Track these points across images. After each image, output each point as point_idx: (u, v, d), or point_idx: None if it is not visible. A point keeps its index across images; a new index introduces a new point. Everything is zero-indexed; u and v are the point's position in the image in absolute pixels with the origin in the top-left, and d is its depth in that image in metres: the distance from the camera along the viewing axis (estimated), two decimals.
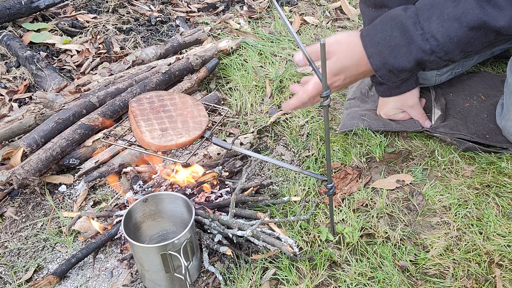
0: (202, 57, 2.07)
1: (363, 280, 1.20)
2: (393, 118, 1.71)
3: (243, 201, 1.43)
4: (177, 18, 2.71)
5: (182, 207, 1.29)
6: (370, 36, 0.98)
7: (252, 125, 1.86)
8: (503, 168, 1.50)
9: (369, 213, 1.40)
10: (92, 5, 2.82)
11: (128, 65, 2.14)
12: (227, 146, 1.23)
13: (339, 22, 2.59)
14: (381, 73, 0.96)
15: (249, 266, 1.27)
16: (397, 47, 0.94)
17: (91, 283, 1.31)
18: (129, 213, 1.25)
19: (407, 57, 0.94)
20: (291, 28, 0.94)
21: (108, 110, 1.77)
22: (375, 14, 1.54)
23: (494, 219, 1.34)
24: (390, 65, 0.95)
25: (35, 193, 1.61)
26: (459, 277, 1.20)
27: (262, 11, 2.75)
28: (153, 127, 1.18)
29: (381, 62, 0.96)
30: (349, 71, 1.02)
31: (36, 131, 1.67)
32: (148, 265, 1.19)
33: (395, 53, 0.94)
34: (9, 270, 1.36)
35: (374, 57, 0.96)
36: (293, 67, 2.17)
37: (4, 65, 2.31)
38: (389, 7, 1.49)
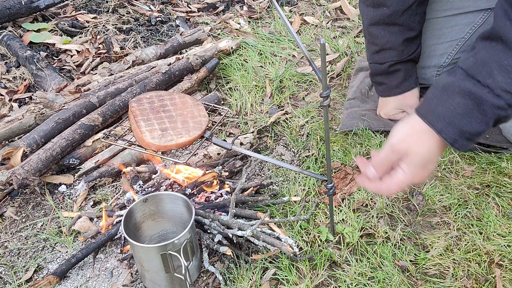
0: (202, 57, 2.07)
1: (363, 280, 1.20)
2: (393, 118, 1.71)
3: (243, 201, 1.43)
4: (177, 18, 2.71)
5: (182, 207, 1.29)
6: (431, 112, 0.89)
7: (252, 125, 1.86)
8: (503, 168, 1.50)
9: (369, 213, 1.40)
10: (92, 5, 2.82)
11: (128, 65, 2.14)
12: (227, 146, 1.23)
13: (339, 22, 2.59)
14: (459, 144, 0.88)
15: (249, 266, 1.27)
16: (467, 113, 0.85)
17: (91, 283, 1.31)
18: (129, 213, 1.25)
19: (481, 119, 0.85)
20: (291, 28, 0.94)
21: (108, 110, 1.77)
22: (374, 13, 1.54)
23: (494, 219, 1.34)
24: (466, 133, 0.86)
25: (35, 193, 1.61)
26: (459, 277, 1.20)
27: (262, 11, 2.75)
28: (153, 127, 1.18)
29: (455, 133, 0.87)
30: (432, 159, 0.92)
31: (36, 131, 1.67)
32: (148, 265, 1.19)
33: (468, 119, 0.85)
34: (9, 270, 1.36)
35: (445, 131, 0.87)
36: (293, 67, 2.17)
37: (4, 65, 2.31)
38: (387, 7, 1.50)
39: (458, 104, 0.86)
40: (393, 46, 1.57)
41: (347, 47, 2.27)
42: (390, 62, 1.59)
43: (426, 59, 1.70)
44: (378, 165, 0.93)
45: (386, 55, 1.59)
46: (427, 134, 0.89)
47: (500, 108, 0.84)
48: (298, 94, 2.02)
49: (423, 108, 0.91)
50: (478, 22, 1.62)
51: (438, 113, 0.88)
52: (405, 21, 1.52)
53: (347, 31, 2.46)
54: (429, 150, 0.90)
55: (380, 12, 1.52)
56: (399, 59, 1.59)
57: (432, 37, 1.67)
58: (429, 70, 1.73)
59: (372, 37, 1.60)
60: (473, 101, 0.85)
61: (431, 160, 0.91)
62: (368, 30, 1.60)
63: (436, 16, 1.64)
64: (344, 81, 2.06)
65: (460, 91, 0.86)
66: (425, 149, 0.90)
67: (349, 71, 2.10)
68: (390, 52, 1.58)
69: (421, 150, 0.90)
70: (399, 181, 0.92)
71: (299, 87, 2.06)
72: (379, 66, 1.63)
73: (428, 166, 0.92)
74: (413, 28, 1.55)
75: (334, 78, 2.09)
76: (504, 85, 0.82)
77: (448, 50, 1.68)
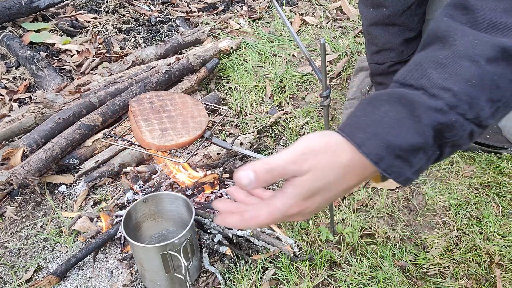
0: (202, 57, 2.07)
1: (363, 280, 1.20)
2: None
3: None
4: (177, 18, 2.71)
5: (182, 207, 1.29)
6: (353, 124, 0.66)
7: (252, 125, 1.86)
8: (503, 168, 1.50)
9: (369, 213, 1.40)
10: (92, 5, 2.82)
11: (128, 65, 2.14)
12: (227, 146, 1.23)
13: (339, 22, 2.59)
14: (385, 164, 0.63)
15: (249, 266, 1.27)
16: (397, 122, 0.63)
17: (91, 283, 1.31)
18: (129, 213, 1.25)
19: (415, 128, 0.62)
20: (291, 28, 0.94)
21: (108, 110, 1.77)
22: (373, 13, 1.54)
23: (494, 219, 1.34)
24: (396, 147, 0.62)
25: (35, 193, 1.61)
26: (459, 277, 1.20)
27: (262, 11, 2.75)
28: (153, 127, 1.18)
29: (380, 147, 0.62)
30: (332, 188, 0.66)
31: (36, 131, 1.67)
32: (148, 265, 1.19)
33: (397, 129, 0.62)
34: (9, 270, 1.36)
35: (367, 145, 0.63)
36: (293, 67, 2.17)
37: (4, 65, 2.31)
38: (386, 7, 1.50)
39: (385, 112, 0.64)
40: (393, 47, 1.57)
41: (347, 47, 2.27)
42: (390, 62, 1.60)
43: None
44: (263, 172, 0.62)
45: (385, 55, 1.59)
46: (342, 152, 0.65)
47: (438, 111, 0.61)
48: (298, 94, 2.02)
49: (343, 123, 0.68)
50: None
51: (360, 124, 0.65)
52: (405, 21, 1.52)
53: (347, 31, 2.46)
54: (335, 177, 0.65)
55: (380, 13, 1.52)
56: (398, 60, 1.59)
57: None
58: None
59: (372, 38, 1.60)
60: (404, 107, 0.63)
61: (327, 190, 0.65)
62: (368, 31, 1.60)
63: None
64: (344, 81, 2.06)
65: (388, 98, 0.65)
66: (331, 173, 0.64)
67: (349, 71, 2.10)
68: (389, 53, 1.58)
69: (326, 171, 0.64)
70: (273, 208, 0.64)
71: (299, 87, 2.06)
72: (379, 66, 1.63)
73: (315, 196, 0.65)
74: (413, 29, 1.55)
75: (334, 78, 2.09)
76: (441, 81, 0.62)
77: None
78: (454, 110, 0.61)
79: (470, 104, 0.61)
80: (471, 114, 0.62)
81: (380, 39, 1.57)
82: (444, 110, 0.61)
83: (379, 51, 1.60)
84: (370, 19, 1.57)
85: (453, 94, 0.61)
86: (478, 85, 0.61)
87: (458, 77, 0.61)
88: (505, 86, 0.62)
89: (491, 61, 0.61)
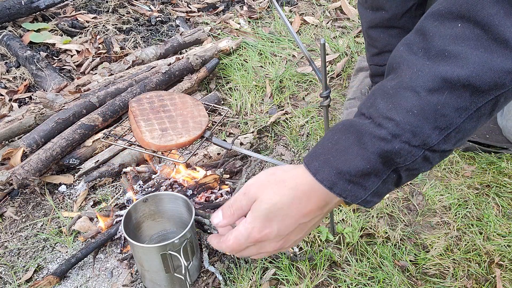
0: (202, 57, 2.07)
1: (363, 280, 1.20)
2: None
3: None
4: (177, 18, 2.71)
5: (182, 207, 1.29)
6: (311, 154, 0.71)
7: (252, 125, 1.86)
8: (503, 168, 1.50)
9: (369, 213, 1.40)
10: (92, 5, 2.82)
11: (128, 65, 2.14)
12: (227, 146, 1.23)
13: (339, 22, 2.59)
14: (339, 188, 0.68)
15: (249, 266, 1.27)
16: (346, 149, 0.68)
17: (91, 283, 1.31)
18: (129, 213, 1.25)
19: (361, 154, 0.66)
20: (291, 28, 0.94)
21: (108, 110, 1.77)
22: (373, 16, 1.54)
23: (494, 219, 1.34)
24: (346, 173, 0.67)
25: (35, 193, 1.61)
26: (459, 277, 1.20)
27: (262, 11, 2.75)
28: (153, 127, 1.18)
29: (332, 174, 0.68)
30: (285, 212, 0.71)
31: (36, 131, 1.67)
32: (148, 265, 1.19)
33: (346, 156, 0.67)
34: (9, 270, 1.36)
35: (321, 172, 0.68)
36: (293, 67, 2.17)
37: (4, 65, 2.31)
38: (386, 10, 1.49)
39: (337, 141, 0.69)
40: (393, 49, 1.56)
41: (347, 47, 2.27)
42: None
43: None
44: (226, 209, 0.73)
45: (386, 57, 1.59)
46: (295, 177, 0.71)
47: (382, 140, 0.65)
48: (298, 94, 2.02)
49: (306, 155, 0.73)
50: None
51: (316, 153, 0.71)
52: (405, 24, 1.52)
53: (347, 31, 2.46)
54: (289, 199, 0.70)
55: (379, 16, 1.52)
56: None
57: None
58: None
59: (372, 40, 1.60)
60: (353, 135, 0.68)
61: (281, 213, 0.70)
62: (368, 33, 1.60)
63: None
64: (344, 81, 2.06)
65: (341, 127, 0.71)
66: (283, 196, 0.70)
67: (349, 71, 2.10)
68: (389, 55, 1.58)
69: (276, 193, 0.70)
70: (237, 232, 0.71)
71: (299, 87, 2.06)
72: (379, 68, 1.63)
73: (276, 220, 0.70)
74: None
75: (334, 78, 2.09)
76: (385, 111, 0.66)
77: None
78: (398, 139, 0.64)
79: (413, 132, 0.64)
80: (416, 141, 0.64)
81: (380, 41, 1.57)
82: (388, 139, 0.64)
83: (379, 53, 1.60)
84: (369, 22, 1.57)
85: (395, 123, 0.64)
86: (419, 114, 0.63)
87: (401, 107, 0.64)
88: (451, 114, 0.63)
89: (433, 91, 0.63)
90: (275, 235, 0.71)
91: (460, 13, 0.62)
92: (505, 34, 0.59)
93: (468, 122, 0.64)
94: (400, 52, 0.70)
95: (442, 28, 0.65)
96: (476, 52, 0.61)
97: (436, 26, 0.66)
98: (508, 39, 0.59)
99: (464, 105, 0.62)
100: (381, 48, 1.58)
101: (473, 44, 0.61)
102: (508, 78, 0.60)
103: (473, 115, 0.63)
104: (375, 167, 0.67)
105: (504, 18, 0.59)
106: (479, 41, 0.61)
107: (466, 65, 0.61)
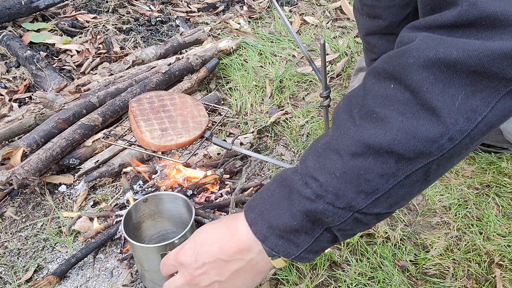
0: (202, 57, 2.07)
1: (363, 280, 1.20)
2: None
3: (243, 201, 1.43)
4: (177, 18, 2.71)
5: (182, 207, 1.29)
6: (250, 203, 0.72)
7: (252, 125, 1.86)
8: (503, 168, 1.50)
9: None
10: (92, 5, 2.82)
11: (128, 65, 2.14)
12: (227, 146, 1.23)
13: (339, 22, 2.59)
14: (271, 243, 0.67)
15: None
16: (277, 203, 0.67)
17: (91, 283, 1.31)
18: (129, 213, 1.25)
19: (289, 211, 0.65)
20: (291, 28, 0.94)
21: (108, 110, 1.77)
22: (370, 23, 1.52)
23: (494, 219, 1.34)
24: (276, 228, 0.67)
25: (35, 193, 1.61)
26: (459, 277, 1.20)
27: (262, 11, 2.75)
28: (153, 127, 1.18)
29: (264, 227, 0.67)
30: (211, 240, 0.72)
31: (36, 131, 1.67)
32: (148, 265, 1.19)
33: (277, 210, 0.67)
34: (9, 270, 1.36)
35: (256, 223, 0.68)
36: (293, 67, 2.17)
37: (4, 65, 2.31)
38: (383, 19, 1.48)
39: (272, 193, 0.69)
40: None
41: (347, 47, 2.27)
42: None
43: None
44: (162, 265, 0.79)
45: None
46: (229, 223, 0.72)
47: (307, 199, 0.64)
48: (298, 94, 2.02)
49: (249, 200, 0.75)
50: None
51: (253, 202, 0.71)
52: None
53: (347, 31, 2.46)
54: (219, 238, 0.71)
55: (376, 23, 1.49)
56: None
57: None
58: None
59: (370, 46, 1.58)
60: (286, 189, 0.68)
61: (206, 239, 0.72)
62: (365, 39, 1.59)
63: None
64: (344, 81, 2.06)
65: (279, 179, 0.70)
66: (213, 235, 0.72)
67: (349, 71, 2.10)
68: None
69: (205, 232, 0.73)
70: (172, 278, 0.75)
71: (299, 87, 2.06)
72: None
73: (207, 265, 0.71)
74: None
75: (334, 78, 2.09)
76: (312, 170, 0.65)
77: None
78: (322, 199, 0.63)
79: (336, 195, 0.62)
80: (340, 204, 0.62)
81: (378, 47, 1.55)
82: (312, 199, 0.64)
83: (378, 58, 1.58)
84: (366, 29, 1.55)
85: (319, 184, 0.63)
86: (341, 177, 0.62)
87: (325, 168, 0.63)
88: (376, 179, 0.60)
89: (356, 156, 0.61)
90: (190, 254, 0.72)
91: (394, 74, 0.60)
92: (432, 101, 0.56)
93: (400, 189, 0.61)
94: (340, 106, 0.68)
95: (376, 87, 0.62)
96: (402, 118, 0.58)
97: (373, 84, 0.63)
98: (435, 107, 0.56)
99: (390, 172, 0.60)
100: (379, 54, 1.57)
101: (401, 108, 0.58)
102: (434, 147, 0.57)
103: (403, 182, 0.60)
104: (303, 225, 0.65)
105: (433, 84, 0.56)
106: (407, 106, 0.58)
107: (390, 131, 0.58)
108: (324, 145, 0.66)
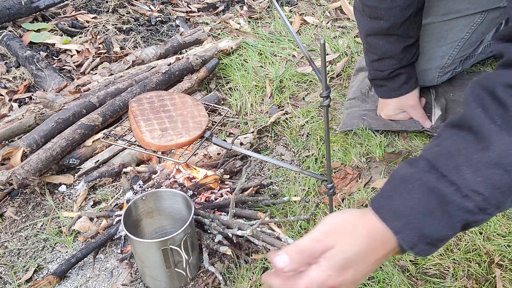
0: (202, 57, 2.07)
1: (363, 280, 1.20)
2: (393, 119, 1.70)
3: (243, 201, 1.43)
4: (177, 18, 2.71)
5: (181, 204, 1.29)
6: (387, 207, 0.72)
7: (252, 125, 1.86)
8: None
9: None
10: (92, 5, 2.82)
11: (128, 65, 2.14)
12: (227, 146, 1.23)
13: (339, 22, 2.59)
14: (419, 249, 0.71)
15: (249, 266, 1.27)
16: (429, 213, 0.69)
17: (91, 283, 1.31)
18: (128, 211, 1.25)
19: (446, 222, 0.69)
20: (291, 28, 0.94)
21: (108, 110, 1.77)
22: (371, 24, 1.51)
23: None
24: (428, 237, 0.70)
25: (35, 193, 1.61)
26: (459, 277, 1.20)
27: (262, 11, 2.75)
28: (153, 127, 1.18)
29: (415, 236, 0.70)
30: (362, 260, 0.71)
31: (36, 131, 1.67)
32: (149, 261, 1.19)
33: (430, 220, 0.69)
34: (9, 270, 1.36)
35: (404, 232, 0.70)
36: (293, 67, 2.17)
37: (4, 65, 2.31)
38: (384, 20, 1.47)
39: (419, 201, 0.70)
40: (393, 55, 1.55)
41: (347, 47, 2.27)
42: (390, 69, 1.58)
43: (427, 62, 1.70)
44: (295, 254, 0.70)
45: (386, 63, 1.57)
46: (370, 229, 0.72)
47: (469, 212, 0.68)
48: (298, 94, 2.02)
49: (378, 200, 0.75)
50: (477, 21, 1.61)
51: (395, 210, 0.71)
52: (404, 31, 1.50)
53: (347, 31, 2.46)
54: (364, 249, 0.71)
55: (378, 24, 1.49)
56: (399, 66, 1.57)
57: (432, 41, 1.66)
58: (431, 72, 1.73)
59: (371, 47, 1.58)
60: (436, 199, 0.69)
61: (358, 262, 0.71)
62: (366, 40, 1.58)
63: (435, 21, 1.63)
64: (344, 81, 2.06)
65: (421, 185, 0.71)
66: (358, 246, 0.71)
67: (349, 71, 2.10)
68: (390, 61, 1.56)
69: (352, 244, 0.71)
70: (308, 280, 0.69)
71: (299, 87, 2.06)
72: (380, 73, 1.61)
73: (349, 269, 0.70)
74: (412, 36, 1.54)
75: (334, 78, 2.09)
76: (473, 184, 0.67)
77: (448, 51, 1.68)
78: (483, 212, 0.68)
79: (497, 206, 0.68)
80: (496, 212, 0.69)
81: (379, 48, 1.55)
82: (474, 212, 0.68)
83: (380, 59, 1.58)
84: (367, 30, 1.55)
85: (483, 198, 0.67)
86: (507, 191, 0.67)
87: (490, 183, 0.67)
88: None
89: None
90: (349, 282, 0.72)
91: None
92: None
93: None
94: (480, 116, 0.70)
95: None
96: None
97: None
98: None
99: None
100: (381, 55, 1.56)
101: None
102: None
103: None
104: (455, 233, 0.71)
105: None
106: None
107: None
108: (482, 160, 0.68)
